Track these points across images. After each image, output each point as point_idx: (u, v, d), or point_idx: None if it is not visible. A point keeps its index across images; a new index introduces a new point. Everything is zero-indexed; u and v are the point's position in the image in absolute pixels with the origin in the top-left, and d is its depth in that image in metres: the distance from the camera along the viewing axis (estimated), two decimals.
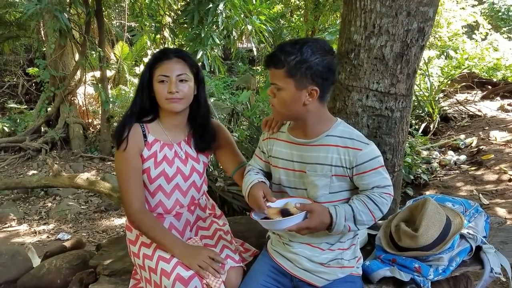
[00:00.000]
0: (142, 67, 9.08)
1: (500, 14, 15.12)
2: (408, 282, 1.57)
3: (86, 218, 5.24)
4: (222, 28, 6.34)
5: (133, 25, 9.63)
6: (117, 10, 11.45)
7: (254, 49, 6.98)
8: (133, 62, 9.12)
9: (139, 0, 8.59)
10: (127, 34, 9.16)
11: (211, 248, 1.70)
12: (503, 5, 15.07)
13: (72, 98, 7.77)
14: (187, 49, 6.27)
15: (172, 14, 7.67)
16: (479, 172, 4.71)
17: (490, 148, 5.23)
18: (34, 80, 9.30)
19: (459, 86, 8.03)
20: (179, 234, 1.79)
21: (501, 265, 1.65)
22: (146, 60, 9.20)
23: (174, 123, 1.78)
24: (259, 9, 7.13)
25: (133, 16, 9.08)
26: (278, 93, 1.44)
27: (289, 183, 1.56)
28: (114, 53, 9.17)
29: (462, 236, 1.70)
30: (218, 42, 6.31)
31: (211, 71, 6.73)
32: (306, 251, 1.53)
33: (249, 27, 6.56)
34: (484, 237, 1.76)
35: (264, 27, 6.83)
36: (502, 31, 13.41)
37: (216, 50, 6.74)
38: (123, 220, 5.11)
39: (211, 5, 6.04)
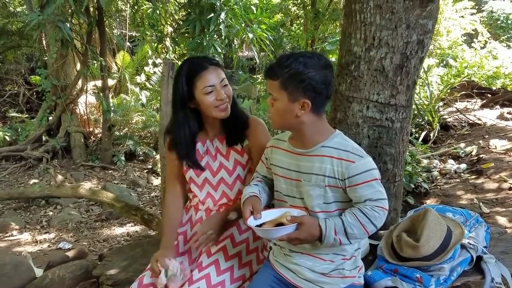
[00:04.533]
0: (143, 76, 9.13)
1: (499, 22, 15.21)
2: None
3: (87, 227, 5.25)
4: (223, 37, 6.40)
5: (134, 34, 9.71)
6: (118, 20, 11.54)
7: (256, 57, 7.02)
8: (135, 71, 9.17)
9: (140, 10, 8.67)
10: (128, 43, 9.23)
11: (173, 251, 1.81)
12: (502, 14, 15.16)
13: (74, 107, 7.82)
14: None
15: (173, 23, 7.74)
16: (479, 181, 4.72)
17: (490, 157, 5.25)
18: (35, 89, 9.35)
19: (458, 95, 8.07)
20: None
21: (502, 275, 1.66)
22: (147, 69, 9.27)
23: (214, 124, 1.85)
24: (260, 18, 7.21)
25: (134, 26, 9.16)
26: (274, 103, 1.48)
27: (287, 192, 1.59)
28: (116, 62, 9.23)
29: (463, 246, 1.72)
30: (220, 51, 6.37)
31: None
32: (307, 261, 1.54)
33: (250, 35, 6.62)
34: (484, 247, 1.78)
35: (265, 35, 6.90)
36: (501, 39, 13.48)
37: (217, 59, 6.79)
38: (124, 229, 5.13)
39: (212, 15, 6.10)
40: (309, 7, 10.99)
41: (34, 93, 9.59)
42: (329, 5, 11.09)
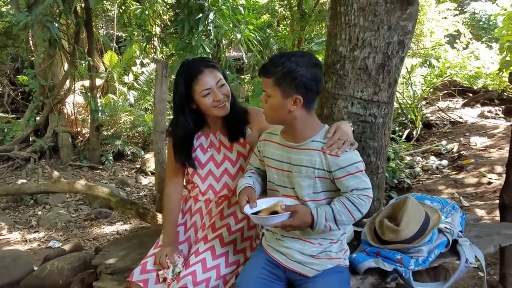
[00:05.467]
0: (131, 76, 9.15)
1: (481, 23, 15.54)
2: (391, 272, 1.72)
3: (77, 226, 5.28)
4: (212, 37, 6.48)
5: (120, 34, 9.71)
6: (103, 20, 11.51)
7: (244, 57, 7.12)
8: (122, 71, 9.18)
9: (128, 10, 8.69)
10: (115, 44, 9.23)
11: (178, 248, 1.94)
12: (484, 15, 15.50)
13: (61, 107, 7.80)
14: (178, 58, 6.40)
15: (162, 24, 7.80)
16: (460, 176, 4.90)
17: (470, 153, 5.44)
18: (20, 90, 9.30)
19: (441, 94, 8.28)
20: (200, 220, 2.01)
21: (475, 256, 1.81)
22: (135, 69, 9.29)
23: (217, 120, 1.96)
24: (247, 19, 7.31)
25: (121, 26, 9.17)
26: (268, 100, 1.59)
27: (279, 182, 1.70)
28: (103, 62, 9.24)
29: (440, 231, 1.85)
30: (208, 51, 6.45)
31: None
32: (297, 245, 1.66)
33: (238, 36, 6.72)
34: (460, 231, 1.92)
35: (252, 36, 7.01)
36: (483, 40, 13.79)
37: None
38: (113, 228, 5.16)
39: (201, 15, 6.18)
40: (296, 8, 11.13)
41: (19, 94, 9.53)
42: (315, 7, 11.25)
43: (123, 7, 8.52)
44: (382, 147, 2.29)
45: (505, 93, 8.02)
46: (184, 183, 2.11)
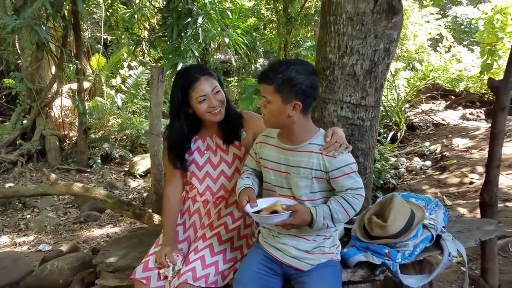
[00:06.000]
0: (118, 79, 9.16)
1: (462, 27, 15.89)
2: (380, 265, 1.84)
3: (66, 229, 5.28)
4: (200, 41, 6.55)
5: (106, 37, 9.70)
6: (89, 22, 11.47)
7: (233, 60, 7.21)
8: (110, 74, 9.19)
9: (115, 13, 8.70)
10: (101, 46, 9.24)
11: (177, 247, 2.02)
12: (465, 19, 15.85)
13: (48, 110, 7.78)
14: (166, 61, 6.46)
15: (149, 27, 7.85)
16: (443, 176, 5.08)
17: (453, 154, 5.62)
18: (4, 93, 9.22)
19: (424, 97, 8.50)
20: (199, 219, 2.09)
21: (458, 250, 1.94)
22: (122, 72, 9.30)
23: (212, 124, 2.05)
24: (235, 22, 7.41)
25: (108, 29, 9.17)
26: (268, 105, 1.69)
27: (277, 183, 1.80)
28: (90, 65, 9.23)
29: (425, 226, 1.98)
30: (197, 54, 6.53)
31: None
32: (293, 241, 1.77)
33: (226, 40, 6.81)
34: (443, 227, 2.05)
35: (240, 39, 7.11)
36: (464, 43, 14.10)
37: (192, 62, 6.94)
38: (103, 231, 5.18)
39: (190, 19, 6.24)
40: (282, 12, 11.26)
41: (3, 97, 9.46)
42: (301, 10, 11.39)
43: (110, 10, 8.55)
44: (370, 149, 2.42)
45: (486, 96, 8.27)
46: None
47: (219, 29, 7.01)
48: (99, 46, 9.41)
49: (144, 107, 9.45)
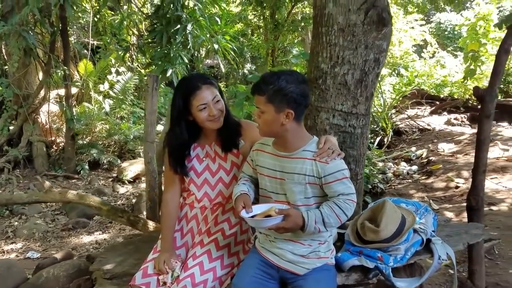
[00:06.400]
0: (106, 85, 9.14)
1: (446, 33, 16.21)
2: (373, 269, 1.90)
3: (54, 236, 5.24)
4: (190, 47, 6.60)
5: (93, 43, 9.66)
6: (75, 27, 11.41)
7: (222, 66, 7.27)
8: (97, 80, 9.16)
9: (103, 18, 8.69)
10: (89, 52, 9.20)
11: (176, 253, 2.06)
12: (449, 25, 16.17)
13: (36, 117, 7.72)
14: (156, 68, 6.48)
15: (138, 33, 7.85)
16: (429, 181, 5.19)
17: (438, 159, 5.75)
18: None
19: (409, 102, 8.65)
20: (197, 225, 2.13)
21: (447, 253, 2.01)
22: (110, 77, 9.28)
23: (211, 132, 2.10)
24: (224, 29, 7.48)
25: (96, 34, 9.15)
26: (262, 115, 1.75)
27: (272, 189, 1.86)
28: (78, 71, 9.19)
29: (415, 231, 2.05)
30: (186, 61, 6.57)
31: None
32: (289, 246, 1.82)
33: (216, 46, 6.87)
34: (433, 231, 2.12)
35: (229, 46, 7.17)
36: (448, 49, 14.38)
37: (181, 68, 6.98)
38: (92, 237, 5.16)
39: (179, 26, 6.28)
40: (269, 18, 11.37)
41: None
42: (288, 17, 11.52)
43: (98, 16, 8.54)
44: (361, 155, 2.49)
45: (470, 101, 8.45)
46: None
47: (208, 36, 7.07)
48: (86, 51, 9.37)
49: (132, 112, 9.43)
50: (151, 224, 2.75)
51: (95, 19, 8.62)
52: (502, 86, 12.49)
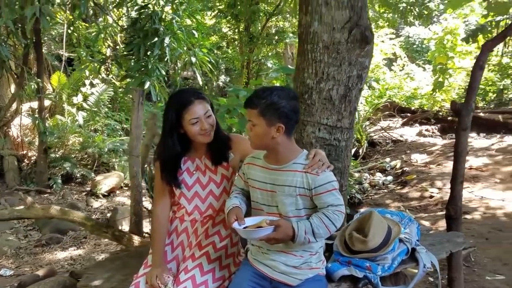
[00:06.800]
0: (80, 97, 9.00)
1: (415, 46, 16.74)
2: (362, 278, 1.96)
3: (27, 252, 5.11)
4: (166, 59, 6.62)
5: (67, 55, 9.53)
6: (46, 38, 11.22)
7: (199, 78, 7.30)
8: (71, 92, 9.01)
9: (76, 30, 8.60)
10: (63, 64, 9.06)
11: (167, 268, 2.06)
12: (417, 38, 16.71)
13: (7, 130, 7.56)
14: (133, 80, 6.46)
15: (112, 45, 7.82)
16: (404, 191, 5.34)
17: (412, 169, 5.93)
18: None
19: (382, 114, 8.90)
20: (187, 239, 2.15)
21: (431, 262, 2.10)
22: (84, 90, 9.15)
23: (202, 145, 2.12)
24: (201, 42, 7.53)
25: (70, 46, 9.03)
26: (253, 128, 1.81)
27: (263, 201, 1.91)
28: (51, 83, 9.03)
29: (401, 240, 2.13)
30: (164, 73, 6.59)
31: (158, 100, 6.94)
32: (281, 257, 1.86)
33: (193, 59, 6.91)
34: (417, 240, 2.21)
35: (207, 58, 7.23)
36: (417, 62, 14.85)
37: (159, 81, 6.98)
38: (66, 253, 5.06)
39: (156, 39, 6.31)
40: (244, 31, 11.49)
41: None
42: (262, 30, 11.68)
43: (71, 28, 8.44)
44: (345, 167, 2.57)
45: (440, 113, 8.75)
46: None
47: (185, 48, 7.11)
48: (58, 63, 9.22)
49: (106, 125, 9.31)
50: (136, 239, 2.74)
51: (69, 30, 8.52)
52: None
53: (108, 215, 6.24)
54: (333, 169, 2.47)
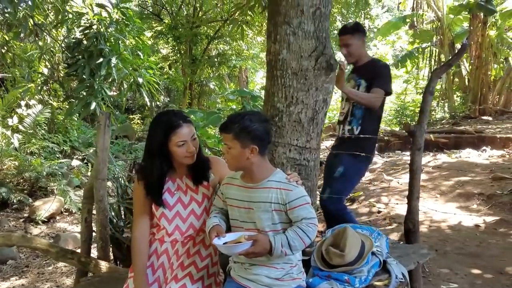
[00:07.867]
0: (15, 119, 8.54)
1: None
2: None
3: None
4: (112, 79, 6.53)
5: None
6: None
7: (147, 100, 7.24)
8: (5, 113, 8.52)
9: (11, 50, 8.23)
10: None
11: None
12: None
13: None
14: (78, 101, 6.28)
15: (55, 65, 7.55)
16: (353, 207, 5.59)
17: (358, 187, 6.22)
18: None
19: (325, 135, 9.28)
20: (168, 260, 2.15)
21: (402, 273, 2.26)
22: (19, 111, 8.70)
23: (183, 165, 2.15)
24: (147, 63, 7.50)
25: (2, 67, 8.60)
26: (229, 151, 1.91)
27: (241, 218, 2.00)
28: None
29: (373, 253, 2.28)
30: (110, 93, 6.47)
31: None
32: (264, 270, 1.95)
33: (140, 79, 6.86)
34: (387, 253, 2.37)
35: (153, 79, 7.20)
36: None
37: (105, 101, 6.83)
38: (8, 284, 4.80)
39: (102, 60, 6.21)
40: (185, 53, 11.58)
41: None
42: (204, 52, 11.83)
43: (5, 47, 8.06)
44: (314, 185, 2.72)
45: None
46: None
47: (131, 69, 7.04)
48: None
49: (43, 147, 8.87)
50: (103, 265, 2.66)
51: (3, 50, 8.11)
52: (398, 118, 13.93)
53: (50, 241, 5.92)
54: (304, 187, 2.64)
